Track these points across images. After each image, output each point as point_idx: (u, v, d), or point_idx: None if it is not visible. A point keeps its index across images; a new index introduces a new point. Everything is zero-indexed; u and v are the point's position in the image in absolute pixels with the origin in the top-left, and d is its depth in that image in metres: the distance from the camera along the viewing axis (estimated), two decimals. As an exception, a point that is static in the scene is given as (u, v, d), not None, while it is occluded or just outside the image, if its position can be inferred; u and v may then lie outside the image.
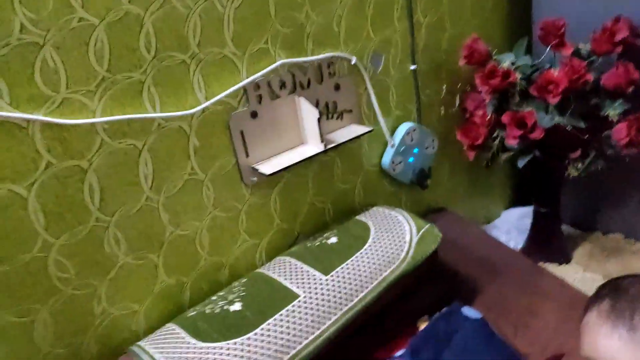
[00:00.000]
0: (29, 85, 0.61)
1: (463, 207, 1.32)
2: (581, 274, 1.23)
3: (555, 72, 0.98)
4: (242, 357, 0.69)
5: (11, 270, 0.65)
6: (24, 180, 0.63)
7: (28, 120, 0.61)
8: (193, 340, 0.71)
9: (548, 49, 1.04)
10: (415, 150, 1.10)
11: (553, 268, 1.24)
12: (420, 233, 0.91)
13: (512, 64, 1.06)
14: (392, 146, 1.06)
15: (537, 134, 1.01)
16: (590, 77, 0.97)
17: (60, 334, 0.71)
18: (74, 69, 0.64)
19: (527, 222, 1.32)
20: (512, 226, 1.38)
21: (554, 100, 0.98)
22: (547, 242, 1.27)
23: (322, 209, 1.00)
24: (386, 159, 1.07)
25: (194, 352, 0.70)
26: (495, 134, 1.10)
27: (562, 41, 1.01)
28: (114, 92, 0.68)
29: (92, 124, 0.67)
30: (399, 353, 0.81)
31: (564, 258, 1.27)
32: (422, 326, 0.88)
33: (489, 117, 1.08)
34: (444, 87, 1.15)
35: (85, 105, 0.66)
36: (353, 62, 0.94)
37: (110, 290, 0.75)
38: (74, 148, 0.66)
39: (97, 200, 0.70)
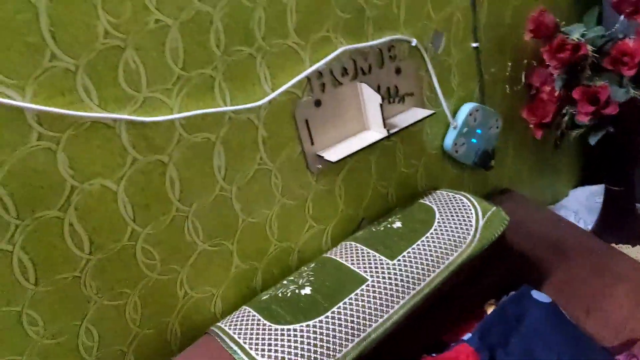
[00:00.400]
0: (114, 87, 0.65)
1: (528, 187, 1.29)
2: (657, 254, 1.17)
3: (630, 43, 0.93)
4: (314, 339, 0.72)
5: (105, 258, 0.70)
6: (113, 175, 0.68)
7: (115, 120, 0.66)
8: (268, 323, 0.75)
9: (621, 17, 0.98)
10: (479, 131, 1.07)
11: (626, 249, 1.19)
12: (486, 216, 0.90)
13: (582, 35, 1.01)
14: (455, 128, 1.04)
15: (612, 110, 0.96)
16: (671, 46, 0.91)
17: (148, 316, 0.77)
18: (153, 69, 0.67)
19: (597, 200, 1.27)
20: (581, 206, 1.33)
21: (629, 73, 0.93)
22: (619, 222, 1.22)
23: (385, 193, 1.01)
24: (448, 141, 1.05)
25: (269, 334, 0.73)
26: (564, 111, 1.06)
27: (637, 8, 0.95)
28: (189, 88, 0.71)
29: (171, 120, 0.70)
30: (467, 336, 0.81)
31: (638, 238, 1.21)
32: (490, 310, 0.88)
33: (557, 93, 1.04)
34: (509, 64, 1.11)
35: (164, 103, 0.70)
36: (414, 44, 0.93)
37: (191, 275, 0.79)
38: (156, 144, 0.70)
39: (177, 191, 0.74)
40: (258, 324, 0.76)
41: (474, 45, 1.03)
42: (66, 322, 0.69)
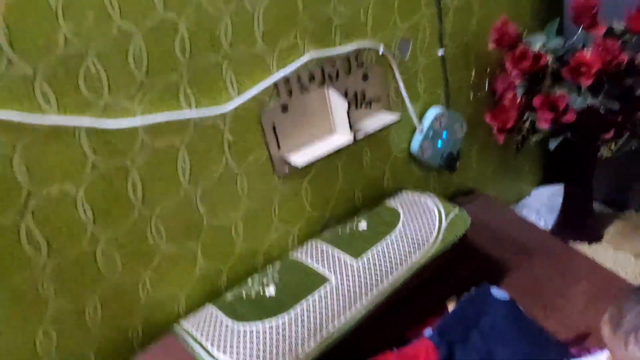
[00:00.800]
0: (74, 93, 0.65)
1: (492, 188, 1.33)
2: (612, 252, 1.22)
3: (587, 54, 0.96)
4: (277, 338, 0.74)
5: (64, 262, 0.70)
6: (72, 180, 0.68)
7: (75, 126, 0.66)
8: (231, 322, 0.77)
9: (580, 29, 1.01)
10: (444, 135, 1.10)
11: (584, 247, 1.24)
12: (449, 217, 0.93)
13: (543, 45, 1.04)
14: (421, 131, 1.07)
15: (569, 117, 1.00)
16: (625, 57, 0.95)
17: (109, 318, 0.77)
18: (115, 75, 0.67)
19: (558, 200, 1.31)
20: (542, 205, 1.37)
21: (586, 83, 0.96)
22: (578, 221, 1.27)
23: (352, 195, 1.03)
24: (415, 144, 1.08)
25: (232, 333, 0.75)
26: (525, 117, 1.09)
27: (594, 21, 0.99)
28: (153, 94, 0.71)
29: (134, 126, 0.71)
30: (428, 332, 0.84)
31: (595, 237, 1.27)
32: (451, 306, 0.90)
33: (519, 100, 1.07)
34: (473, 71, 1.14)
35: (127, 109, 0.70)
36: (381, 52, 0.94)
37: (154, 277, 0.80)
38: (117, 149, 0.70)
39: (140, 195, 0.75)
40: (221, 323, 0.77)
41: (440, 52, 1.05)
42: (24, 326, 0.69)
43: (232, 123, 0.81)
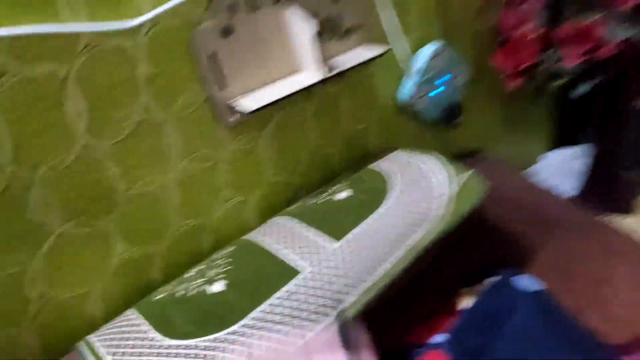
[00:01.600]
0: None
1: (498, 149, 1.10)
2: (648, 225, 1.02)
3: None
4: (223, 358, 0.51)
5: None
6: None
7: None
8: (159, 336, 0.54)
9: None
10: (443, 79, 0.87)
11: (614, 220, 1.03)
12: (460, 182, 0.70)
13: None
14: (414, 74, 0.84)
15: (607, 51, 0.78)
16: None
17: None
18: None
19: (575, 165, 1.11)
20: (557, 170, 1.17)
21: (627, 5, 0.75)
22: (605, 188, 1.06)
23: (327, 155, 0.80)
24: (406, 91, 0.85)
25: (159, 354, 0.52)
26: (542, 57, 0.87)
27: None
28: (13, -8, 0.47)
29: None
30: (436, 339, 0.62)
31: (625, 207, 1.06)
32: (462, 303, 0.68)
33: (539, 33, 0.85)
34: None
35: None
36: (360, -41, 0.71)
37: (47, 268, 0.57)
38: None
39: (9, 147, 0.51)
40: (145, 338, 0.54)
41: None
42: None
43: (150, 47, 0.57)
